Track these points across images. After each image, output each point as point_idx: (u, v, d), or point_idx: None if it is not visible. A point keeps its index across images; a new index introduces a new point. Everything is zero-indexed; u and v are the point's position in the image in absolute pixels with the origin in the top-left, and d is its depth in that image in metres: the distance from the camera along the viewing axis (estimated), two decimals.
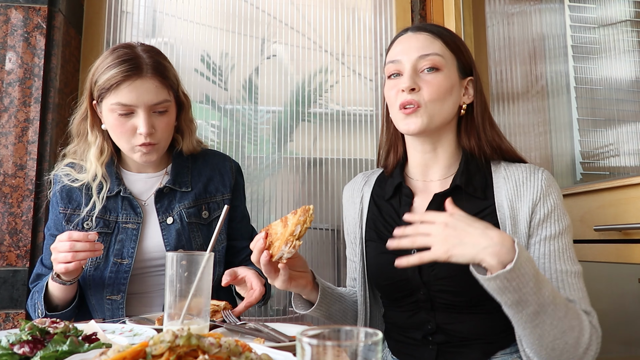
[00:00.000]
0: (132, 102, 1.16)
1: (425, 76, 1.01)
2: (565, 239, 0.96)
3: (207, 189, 1.32)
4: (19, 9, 1.66)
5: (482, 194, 1.01)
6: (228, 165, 1.38)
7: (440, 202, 1.01)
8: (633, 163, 1.95)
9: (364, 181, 1.20)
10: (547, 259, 0.95)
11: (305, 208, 0.90)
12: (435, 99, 1.00)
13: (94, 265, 1.22)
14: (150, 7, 2.04)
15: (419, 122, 1.00)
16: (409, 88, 0.99)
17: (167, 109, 1.22)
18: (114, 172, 1.28)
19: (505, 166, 1.04)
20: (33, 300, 1.22)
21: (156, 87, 1.18)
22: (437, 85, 1.00)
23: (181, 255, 0.78)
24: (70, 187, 1.28)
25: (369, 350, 0.46)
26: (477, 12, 2.02)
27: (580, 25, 2.12)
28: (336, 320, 1.10)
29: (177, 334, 0.54)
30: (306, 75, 2.10)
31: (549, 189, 0.98)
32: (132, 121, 1.18)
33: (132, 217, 1.26)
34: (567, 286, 0.92)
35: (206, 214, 1.30)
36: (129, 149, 1.22)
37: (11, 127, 1.61)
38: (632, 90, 2.04)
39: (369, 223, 1.13)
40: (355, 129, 2.09)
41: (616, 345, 1.58)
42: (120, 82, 1.15)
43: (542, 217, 0.97)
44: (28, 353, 0.68)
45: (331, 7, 2.14)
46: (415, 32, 1.05)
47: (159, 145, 1.23)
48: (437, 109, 1.00)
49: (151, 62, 1.20)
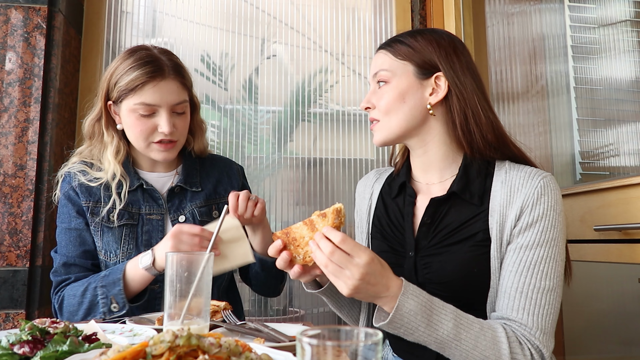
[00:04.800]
0: (156, 102, 1.21)
1: (377, 92, 1.06)
2: (545, 252, 0.92)
3: (217, 190, 1.37)
4: (19, 9, 1.66)
5: (479, 200, 0.99)
6: (235, 168, 1.45)
7: (436, 207, 1.02)
8: (633, 163, 1.95)
9: (376, 178, 1.21)
10: (515, 267, 0.92)
11: (337, 209, 0.86)
12: (386, 111, 1.03)
13: (126, 257, 1.24)
14: (150, 7, 2.04)
15: (378, 135, 1.06)
16: (363, 107, 1.07)
17: (185, 109, 1.28)
18: (131, 170, 1.32)
19: (508, 169, 1.01)
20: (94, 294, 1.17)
21: (178, 88, 1.25)
22: (385, 98, 1.03)
23: (181, 255, 0.78)
24: (88, 186, 1.28)
25: (369, 350, 0.46)
26: (477, 12, 2.02)
27: (580, 25, 2.12)
28: (344, 308, 1.11)
29: (177, 334, 0.54)
30: (306, 75, 2.10)
31: (541, 197, 0.94)
32: (153, 120, 1.23)
33: (155, 208, 1.30)
34: (527, 301, 0.90)
35: (216, 214, 1.35)
36: (145, 147, 1.26)
37: (11, 127, 1.61)
38: (632, 90, 2.04)
39: (375, 220, 1.14)
40: (355, 129, 2.09)
41: (616, 345, 1.58)
42: (145, 83, 1.20)
43: (526, 225, 0.93)
44: (28, 353, 0.68)
45: (331, 7, 2.14)
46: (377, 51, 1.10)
47: (179, 143, 1.29)
48: (393, 119, 1.03)
49: (171, 64, 1.25)
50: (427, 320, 0.84)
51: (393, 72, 1.03)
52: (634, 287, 1.45)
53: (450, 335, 0.84)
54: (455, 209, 1.00)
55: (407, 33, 1.08)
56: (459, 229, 0.98)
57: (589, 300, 1.68)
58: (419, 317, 0.83)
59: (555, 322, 0.91)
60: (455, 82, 1.01)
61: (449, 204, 1.01)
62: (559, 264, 0.92)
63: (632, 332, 1.51)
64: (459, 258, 0.96)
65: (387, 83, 1.04)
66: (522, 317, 0.89)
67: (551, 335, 0.90)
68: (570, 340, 1.69)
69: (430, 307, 0.85)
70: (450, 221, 1.00)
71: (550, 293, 0.90)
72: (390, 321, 0.83)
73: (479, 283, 0.96)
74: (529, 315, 0.89)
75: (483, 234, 0.96)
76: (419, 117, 1.03)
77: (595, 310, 1.66)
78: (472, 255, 0.96)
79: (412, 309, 0.83)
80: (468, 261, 0.96)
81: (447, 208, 1.01)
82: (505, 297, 0.92)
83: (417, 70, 1.03)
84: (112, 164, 1.27)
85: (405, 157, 1.15)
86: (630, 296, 1.52)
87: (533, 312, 0.89)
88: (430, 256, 0.99)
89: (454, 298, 0.90)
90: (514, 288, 0.91)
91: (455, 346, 0.85)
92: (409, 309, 0.83)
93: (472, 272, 0.95)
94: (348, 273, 0.80)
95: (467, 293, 0.96)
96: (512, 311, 0.90)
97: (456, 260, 0.96)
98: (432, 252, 0.99)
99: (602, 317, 1.64)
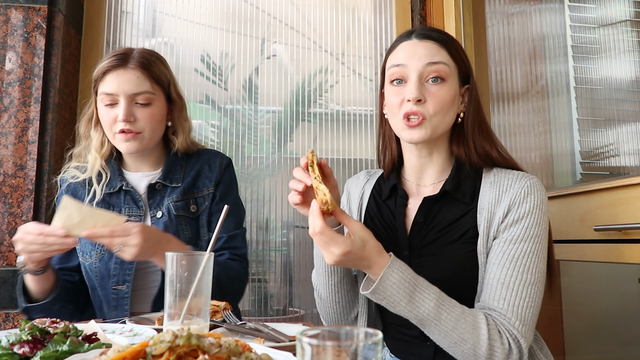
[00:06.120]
0: (114, 91, 1.22)
1: (431, 87, 1.00)
2: (529, 247, 0.94)
3: (196, 184, 1.35)
4: (19, 9, 1.66)
5: (470, 199, 1.02)
6: (218, 161, 1.39)
7: (429, 206, 1.03)
8: (633, 163, 1.95)
9: (366, 179, 1.21)
10: (498, 259, 0.94)
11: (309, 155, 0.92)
12: (439, 112, 1.00)
13: (98, 257, 1.25)
14: (150, 7, 2.04)
15: (423, 133, 1.00)
16: (415, 99, 0.98)
17: (149, 101, 1.26)
18: (116, 169, 1.32)
19: (496, 172, 1.04)
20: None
21: (137, 78, 1.24)
22: (442, 97, 0.99)
23: (181, 255, 0.78)
24: (75, 186, 1.33)
25: (369, 350, 0.46)
26: (477, 12, 2.02)
27: (580, 25, 2.12)
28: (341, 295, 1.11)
29: (177, 334, 0.54)
30: (306, 75, 2.10)
31: (528, 196, 0.97)
32: (115, 110, 1.24)
33: (135, 210, 1.29)
34: (508, 292, 0.92)
35: (194, 208, 1.32)
36: (112, 138, 1.27)
37: (11, 127, 1.61)
38: (632, 90, 2.04)
39: (368, 220, 1.14)
40: (355, 129, 2.09)
41: (616, 345, 1.58)
42: (106, 73, 1.23)
43: (512, 221, 0.96)
44: (28, 353, 0.68)
45: (331, 7, 2.14)
46: (421, 39, 1.03)
47: (142, 135, 1.26)
48: (440, 121, 1.01)
49: (138, 56, 1.26)
50: (409, 297, 0.88)
51: (451, 70, 1.02)
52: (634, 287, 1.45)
53: (430, 314, 0.88)
54: (446, 207, 1.03)
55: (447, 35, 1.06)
56: (451, 226, 1.00)
57: (589, 300, 1.68)
58: (401, 292, 0.87)
59: (536, 315, 0.93)
60: (475, 97, 1.05)
61: (441, 203, 1.03)
62: (541, 261, 0.95)
63: (632, 332, 1.51)
64: (451, 256, 0.98)
65: (444, 81, 1.00)
66: (503, 307, 0.91)
67: (530, 328, 0.92)
68: (570, 340, 1.69)
69: (415, 284, 0.88)
70: (442, 219, 1.02)
71: (531, 286, 0.93)
72: (373, 291, 0.88)
73: (471, 279, 0.98)
74: (510, 306, 0.91)
75: (472, 230, 0.99)
76: (452, 122, 1.05)
77: (595, 310, 1.66)
78: (464, 252, 0.98)
79: (395, 283, 0.87)
80: (460, 258, 0.98)
81: (439, 207, 1.03)
82: (488, 287, 0.94)
83: (461, 77, 1.05)
84: (93, 156, 1.30)
85: (393, 158, 1.15)
86: (630, 296, 1.52)
87: (514, 303, 0.91)
88: (423, 255, 1.01)
89: (447, 294, 0.92)
90: (496, 279, 0.93)
91: (434, 325, 0.88)
92: (392, 282, 0.87)
93: (465, 269, 0.98)
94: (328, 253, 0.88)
95: (460, 288, 0.97)
96: (494, 301, 0.92)
97: (449, 258, 0.98)
98: (426, 251, 1.01)
99: (602, 317, 1.64)
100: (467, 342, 0.88)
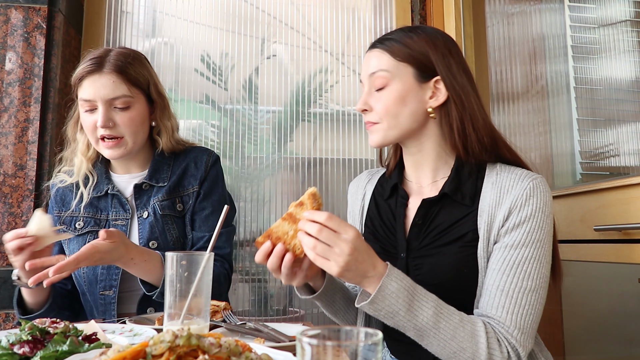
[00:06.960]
0: (91, 97, 1.21)
1: (375, 94, 1.03)
2: (530, 252, 0.91)
3: (182, 182, 1.33)
4: (19, 9, 1.66)
5: (470, 201, 0.99)
6: (205, 159, 1.36)
7: (428, 208, 1.02)
8: (633, 163, 1.95)
9: (368, 179, 1.21)
10: (498, 265, 0.92)
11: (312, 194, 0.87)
12: (386, 115, 1.01)
13: None
14: (150, 7, 2.04)
15: (376, 137, 1.04)
16: (360, 109, 1.05)
17: (128, 104, 1.24)
18: (103, 172, 1.32)
19: (499, 170, 1.01)
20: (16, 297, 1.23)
21: (113, 83, 1.22)
22: (385, 101, 1.01)
23: (181, 255, 0.78)
24: (63, 190, 1.33)
25: (369, 350, 0.46)
26: (477, 12, 2.02)
27: (580, 25, 2.12)
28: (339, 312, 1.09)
29: (177, 334, 0.54)
30: (306, 75, 2.10)
31: (530, 198, 0.94)
32: (94, 116, 1.22)
33: (121, 213, 1.29)
34: (507, 300, 0.90)
35: (180, 207, 1.31)
36: (95, 144, 1.26)
37: (11, 127, 1.61)
38: (632, 90, 2.04)
39: (368, 221, 1.14)
40: (355, 129, 2.09)
41: (616, 346, 1.58)
42: (82, 78, 1.22)
43: (513, 225, 0.93)
44: (28, 353, 0.68)
45: (331, 7, 2.14)
46: (371, 49, 1.07)
47: (125, 140, 1.25)
48: (392, 123, 1.01)
49: (114, 60, 1.23)
50: (408, 305, 0.84)
51: (392, 74, 1.01)
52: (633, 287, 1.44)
53: (429, 323, 0.85)
54: (446, 209, 1.01)
55: (400, 31, 1.05)
56: (450, 229, 0.98)
57: (589, 300, 1.68)
58: (400, 301, 0.84)
59: (537, 322, 0.91)
60: (453, 86, 1.00)
61: (440, 205, 1.01)
62: (543, 266, 0.92)
63: (632, 332, 1.51)
64: (449, 259, 0.96)
65: (386, 85, 1.01)
66: (502, 315, 0.89)
67: (530, 335, 0.90)
68: (570, 340, 1.69)
69: (413, 292, 0.86)
70: (441, 222, 1.00)
71: (532, 293, 0.90)
72: (372, 301, 0.84)
73: (469, 283, 0.96)
74: (509, 314, 0.89)
75: (472, 234, 0.96)
76: (418, 120, 1.02)
77: (595, 310, 1.66)
78: (462, 256, 0.96)
79: (394, 291, 0.84)
80: (458, 262, 0.96)
81: (438, 209, 1.01)
82: (487, 294, 0.92)
83: (417, 73, 1.01)
84: (79, 159, 1.30)
85: (397, 158, 1.14)
86: (630, 296, 1.52)
87: (513, 311, 0.89)
88: (421, 257, 1.00)
89: (445, 299, 0.90)
90: (495, 286, 0.91)
91: (433, 335, 0.85)
92: (391, 290, 0.84)
93: (462, 273, 0.96)
94: (337, 250, 0.81)
95: (458, 293, 0.96)
96: (492, 309, 0.90)
97: (446, 261, 0.97)
98: (423, 253, 1.00)
99: (602, 317, 1.64)
100: (466, 351, 0.86)
